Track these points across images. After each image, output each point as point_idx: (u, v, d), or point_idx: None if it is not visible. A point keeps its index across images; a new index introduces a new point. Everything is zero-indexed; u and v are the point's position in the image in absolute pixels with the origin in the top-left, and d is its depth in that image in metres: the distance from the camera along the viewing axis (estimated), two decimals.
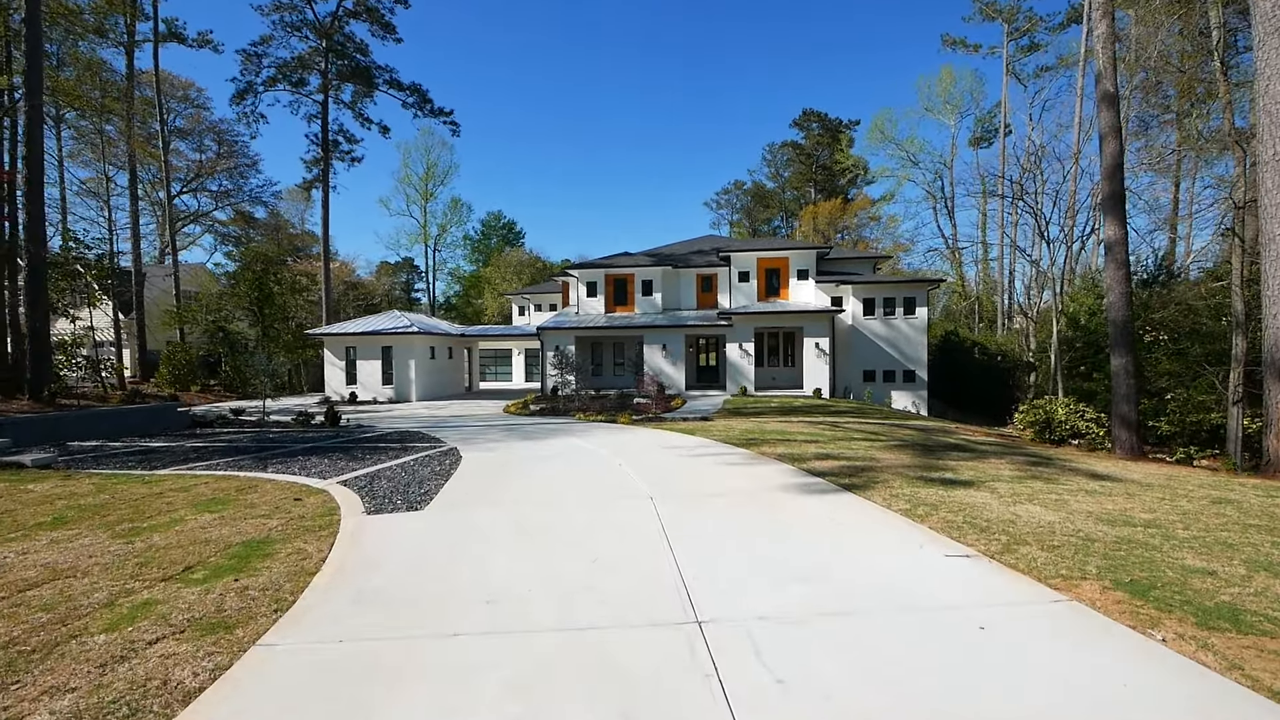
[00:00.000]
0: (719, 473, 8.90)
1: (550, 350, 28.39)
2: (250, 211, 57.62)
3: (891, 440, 13.06)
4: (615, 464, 9.65)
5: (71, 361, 23.76)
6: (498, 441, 12.82)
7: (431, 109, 37.54)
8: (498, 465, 9.71)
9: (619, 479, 8.46)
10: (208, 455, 11.48)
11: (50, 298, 24.23)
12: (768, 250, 29.97)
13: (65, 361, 23.60)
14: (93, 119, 29.85)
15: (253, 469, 9.75)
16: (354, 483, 8.40)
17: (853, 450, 11.03)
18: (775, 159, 67.75)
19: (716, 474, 8.79)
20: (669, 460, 10.05)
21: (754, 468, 9.27)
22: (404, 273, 70.41)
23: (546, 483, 8.29)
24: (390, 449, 11.82)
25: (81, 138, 36.47)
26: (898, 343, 28.24)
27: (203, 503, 7.24)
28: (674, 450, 11.11)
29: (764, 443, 11.91)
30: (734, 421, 16.60)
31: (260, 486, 8.28)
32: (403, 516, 6.53)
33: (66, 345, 24.88)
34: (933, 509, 6.57)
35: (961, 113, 41.91)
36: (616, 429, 14.89)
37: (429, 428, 16.04)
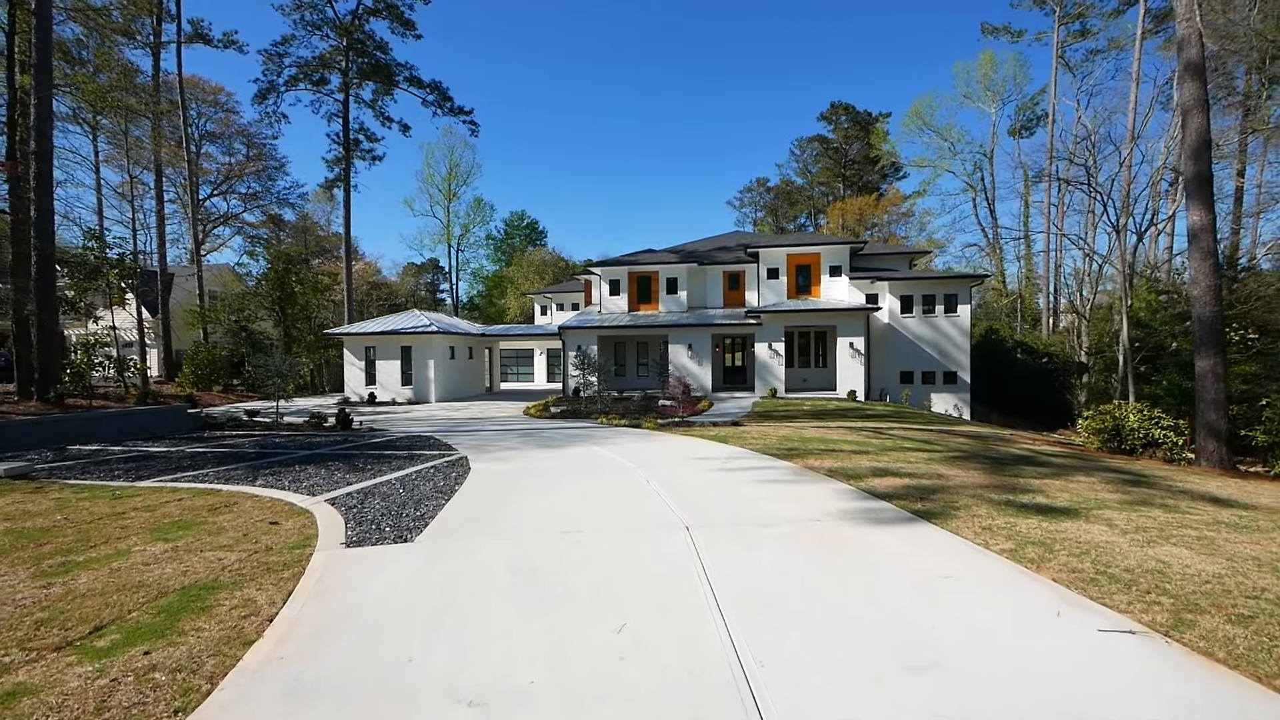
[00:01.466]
0: (762, 493, 7.58)
1: (572, 350, 27.25)
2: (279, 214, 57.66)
3: (949, 451, 11.59)
4: (641, 480, 8.38)
5: (93, 361, 23.34)
6: (513, 449, 11.65)
7: (451, 107, 36.75)
8: (509, 480, 8.50)
9: (647, 500, 7.19)
10: (202, 462, 10.51)
11: (72, 297, 23.93)
12: (798, 246, 28.44)
13: (87, 361, 23.18)
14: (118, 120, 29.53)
15: (241, 481, 8.71)
16: (344, 501, 7.27)
17: (911, 464, 9.61)
18: (803, 154, 65.81)
19: (759, 495, 7.47)
20: (702, 476, 8.75)
21: (802, 487, 7.92)
22: (429, 273, 70.11)
23: (562, 504, 7.06)
24: (396, 457, 10.73)
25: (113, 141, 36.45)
26: (938, 342, 26.50)
27: (164, 527, 6.16)
28: (706, 463, 9.81)
29: (807, 454, 10.55)
30: (767, 427, 15.23)
31: (239, 504, 7.20)
32: (386, 552, 5.35)
33: (89, 345, 24.52)
34: (1045, 549, 5.18)
35: (1003, 100, 39.78)
36: (641, 435, 13.64)
37: (443, 432, 14.97)
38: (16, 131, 17.29)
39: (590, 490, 7.82)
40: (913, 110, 42.25)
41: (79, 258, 23.41)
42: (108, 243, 23.56)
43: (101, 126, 34.05)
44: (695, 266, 29.45)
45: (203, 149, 53.16)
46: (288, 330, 31.78)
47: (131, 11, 30.69)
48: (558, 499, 7.31)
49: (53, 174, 16.62)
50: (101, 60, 30.53)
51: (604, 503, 7.10)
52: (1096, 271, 28.28)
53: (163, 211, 29.55)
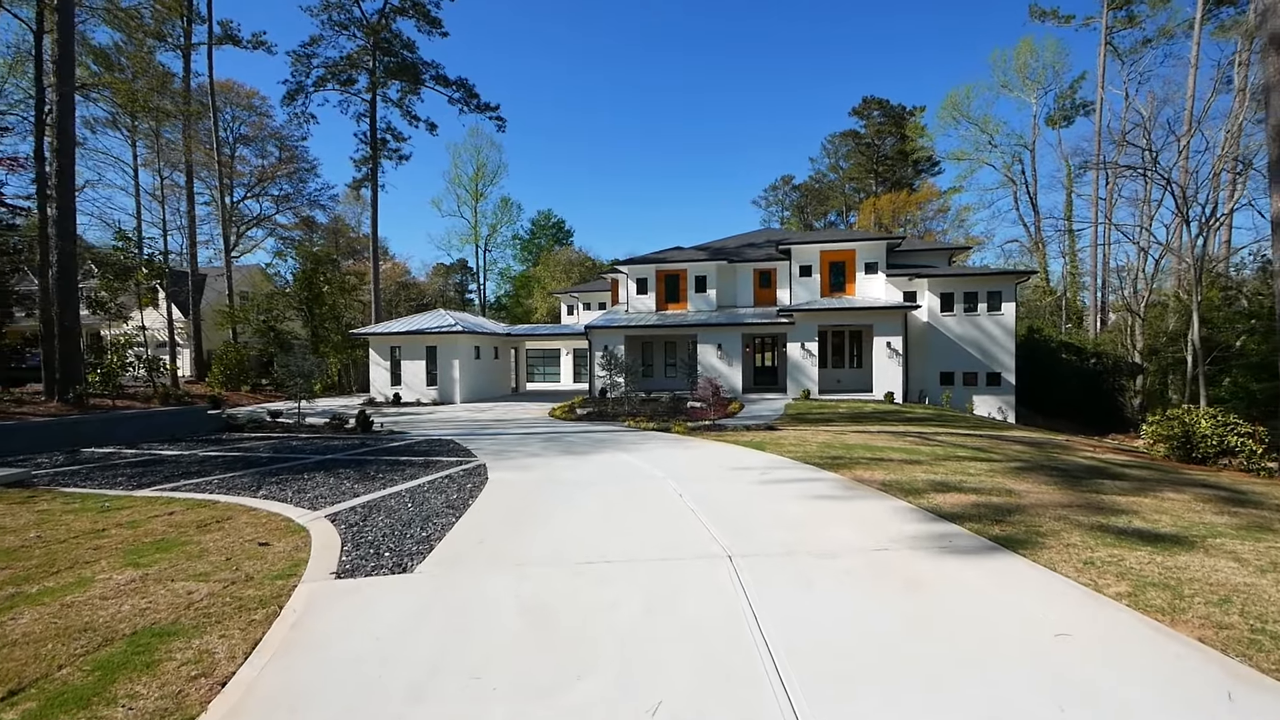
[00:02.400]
0: (812, 512, 6.64)
1: (598, 350, 26.49)
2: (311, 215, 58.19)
3: (1008, 460, 10.49)
4: (673, 494, 7.51)
5: (125, 361, 23.34)
6: (535, 456, 10.88)
7: (477, 104, 36.32)
8: (528, 494, 7.70)
9: (681, 520, 6.32)
10: (211, 468, 9.96)
11: (103, 297, 23.98)
12: (832, 242, 27.23)
13: (118, 361, 23.18)
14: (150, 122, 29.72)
15: (245, 490, 8.09)
16: (346, 517, 6.56)
17: (972, 476, 8.57)
18: (834, 151, 64.04)
19: (809, 515, 6.54)
20: (740, 489, 7.84)
21: (856, 504, 6.97)
22: (458, 273, 70.21)
23: (585, 525, 6.22)
24: (411, 464, 10.04)
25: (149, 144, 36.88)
26: (980, 342, 25.08)
27: (141, 548, 5.50)
28: (744, 474, 8.89)
29: (853, 463, 9.56)
30: (804, 432, 14.23)
31: (232, 520, 6.53)
32: (379, 586, 4.57)
33: (120, 345, 24.56)
34: (1173, 594, 4.17)
35: (1044, 88, 37.76)
36: (671, 441, 12.76)
37: (464, 435, 14.30)
38: (44, 131, 17.16)
39: (617, 506, 6.97)
40: (948, 101, 40.56)
41: (109, 258, 23.43)
42: (136, 242, 23.49)
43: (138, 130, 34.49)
44: (724, 264, 28.46)
45: (237, 152, 54.05)
46: (315, 330, 31.64)
47: (162, 14, 30.90)
48: (580, 518, 6.47)
49: (74, 172, 16.42)
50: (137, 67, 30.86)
51: (632, 523, 6.24)
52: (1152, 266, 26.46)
53: (193, 212, 29.68)
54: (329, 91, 34.92)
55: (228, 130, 53.54)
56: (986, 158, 39.21)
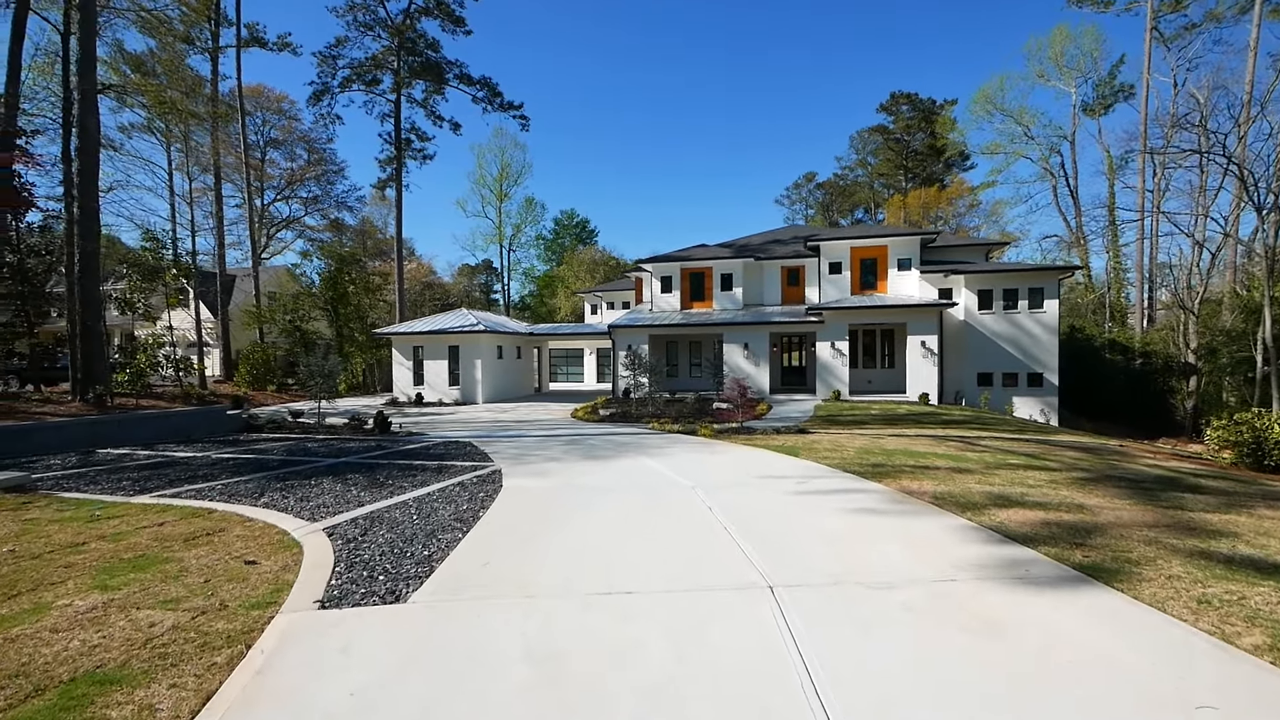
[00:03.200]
0: (858, 530, 5.88)
1: (622, 350, 25.86)
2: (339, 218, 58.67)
3: (1067, 469, 9.55)
4: (702, 506, 6.80)
5: (152, 361, 23.43)
6: (554, 461, 10.26)
7: (501, 103, 35.97)
8: (543, 505, 7.06)
9: (712, 538, 5.61)
10: (219, 472, 9.54)
11: (131, 298, 24.13)
12: (863, 238, 26.20)
13: (147, 361, 23.29)
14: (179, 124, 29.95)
15: (247, 497, 7.60)
16: (345, 530, 5.99)
17: (1032, 488, 7.70)
18: (862, 147, 62.45)
19: (856, 533, 5.78)
20: (775, 501, 7.10)
21: (908, 521, 6.18)
22: (483, 274, 70.28)
23: (605, 544, 5.54)
24: (424, 469, 9.49)
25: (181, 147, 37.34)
26: (1020, 341, 23.84)
27: (117, 566, 4.98)
28: (778, 483, 8.13)
29: (897, 472, 8.74)
30: (838, 436, 13.39)
31: (225, 532, 6.01)
32: (366, 619, 3.95)
33: (148, 345, 24.70)
34: None
35: (1084, 76, 35.91)
36: (698, 445, 12.04)
37: (483, 437, 13.76)
38: (71, 133, 17.14)
39: (640, 521, 6.29)
40: (981, 94, 38.94)
41: (139, 258, 23.54)
42: (164, 243, 23.56)
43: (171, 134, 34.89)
44: (751, 261, 27.60)
45: (267, 155, 54.72)
46: (340, 330, 31.61)
47: (190, 18, 31.13)
48: (598, 535, 5.80)
49: (97, 172, 16.32)
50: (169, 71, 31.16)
51: (657, 543, 5.54)
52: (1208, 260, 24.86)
53: (221, 214, 29.81)
54: (354, 92, 34.94)
55: (258, 134, 54.31)
56: (1022, 150, 37.54)
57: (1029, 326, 23.69)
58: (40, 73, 20.47)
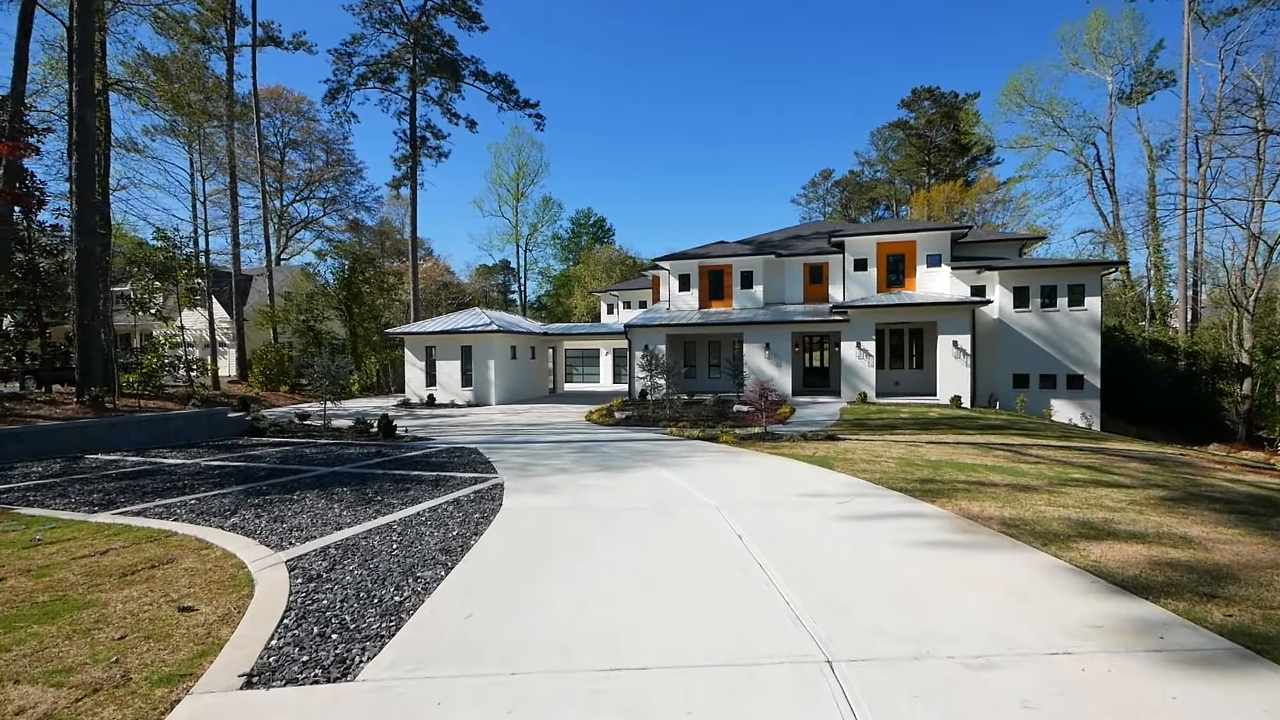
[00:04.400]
0: (926, 572, 4.78)
1: (638, 350, 24.85)
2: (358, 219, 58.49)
3: (1142, 485, 8.35)
4: (730, 534, 5.75)
5: (163, 362, 22.94)
6: (563, 471, 9.27)
7: (517, 101, 35.13)
8: (545, 532, 6.04)
9: (747, 581, 4.55)
10: (199, 484, 8.70)
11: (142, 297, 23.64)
12: (890, 233, 24.89)
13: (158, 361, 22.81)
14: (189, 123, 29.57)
15: (216, 516, 6.71)
16: (313, 563, 5.05)
17: (1114, 511, 6.54)
18: (883, 144, 60.67)
19: (924, 576, 4.68)
20: (817, 528, 6.02)
21: (982, 558, 5.07)
22: (500, 274, 69.73)
23: (612, 593, 4.47)
24: (420, 482, 8.55)
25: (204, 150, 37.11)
26: (1059, 340, 22.38)
27: (28, 612, 4.07)
28: (816, 503, 7.04)
29: (951, 490, 7.61)
30: (872, 443, 12.23)
31: (174, 564, 5.10)
32: (296, 703, 2.97)
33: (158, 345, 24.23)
34: None
35: (1121, 63, 33.99)
36: (721, 454, 10.97)
37: (491, 443, 12.83)
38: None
39: (657, 556, 5.25)
40: (1009, 85, 37.20)
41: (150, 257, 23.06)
42: (175, 242, 23.05)
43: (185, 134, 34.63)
44: (772, 259, 26.40)
45: (286, 156, 54.65)
46: (354, 330, 31.01)
47: (207, 17, 30.76)
48: (608, 577, 4.75)
49: (94, 165, 15.69)
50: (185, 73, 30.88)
51: (678, 589, 4.48)
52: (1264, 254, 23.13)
53: (236, 214, 29.37)
54: (370, 90, 34.33)
55: (277, 135, 54.29)
56: (1054, 142, 35.72)
57: (1068, 325, 22.22)
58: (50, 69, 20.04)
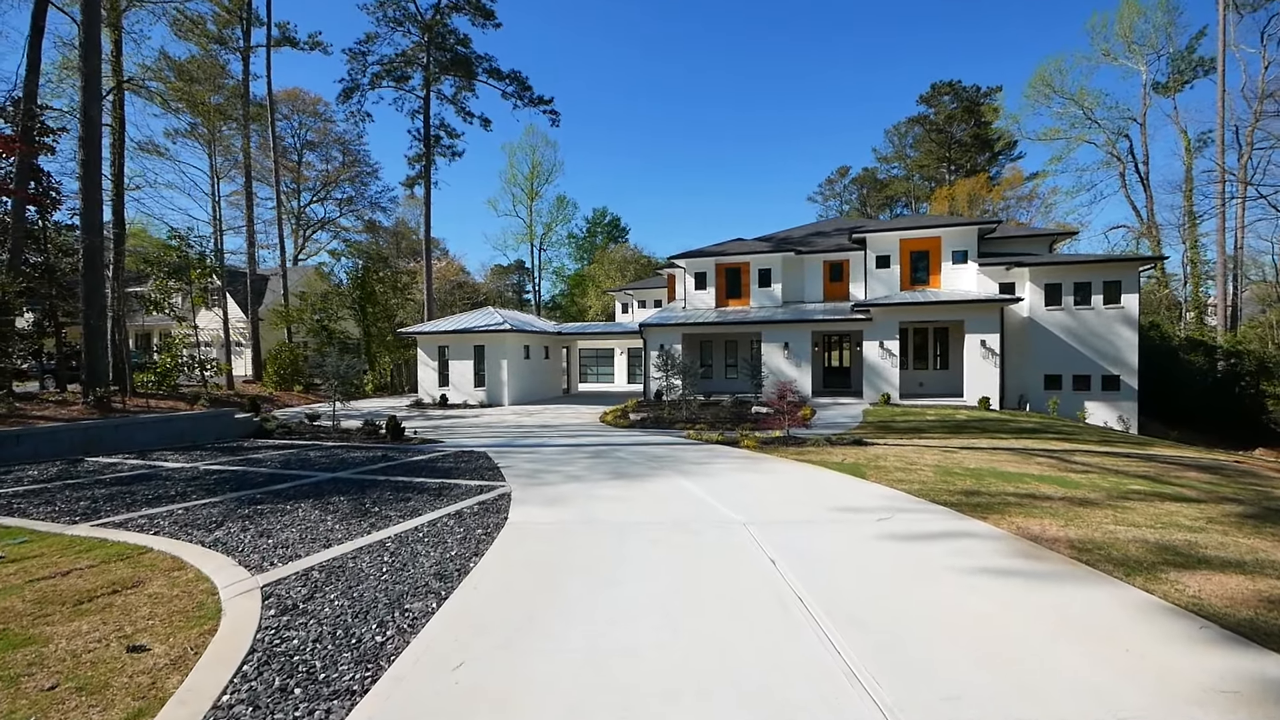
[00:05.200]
0: (996, 611, 4.05)
1: (654, 350, 24.18)
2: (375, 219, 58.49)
3: (1211, 498, 7.52)
4: (763, 560, 5.06)
5: (177, 362, 22.73)
6: (575, 480, 8.62)
7: (531, 97, 34.61)
8: (552, 553, 5.38)
9: (787, 622, 3.86)
10: (191, 491, 8.18)
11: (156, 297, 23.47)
12: (914, 229, 23.95)
13: (172, 361, 22.60)
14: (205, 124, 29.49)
15: (200, 529, 6.17)
16: (292, 588, 4.46)
17: (1192, 531, 5.76)
18: (900, 140, 59.36)
19: (994, 616, 3.96)
20: (859, 551, 5.30)
21: (1058, 591, 4.33)
22: (515, 274, 69.45)
23: (629, 635, 3.80)
24: (422, 491, 7.96)
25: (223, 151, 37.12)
26: (1093, 339, 21.33)
27: None
28: (854, 519, 6.33)
29: (1001, 504, 6.86)
30: (903, 448, 11.46)
31: (143, 586, 4.54)
32: None
33: (172, 345, 24.05)
34: None
35: (1156, 52, 32.55)
36: (743, 461, 10.26)
37: (501, 447, 12.25)
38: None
39: (679, 583, 4.57)
40: (1037, 76, 35.83)
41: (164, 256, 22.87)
42: (188, 241, 22.81)
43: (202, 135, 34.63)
44: (791, 256, 25.58)
45: (304, 158, 54.77)
46: (368, 330, 30.70)
47: (224, 18, 30.65)
48: (621, 613, 4.07)
49: (100, 161, 15.36)
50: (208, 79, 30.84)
51: (705, 631, 3.79)
52: None
53: (251, 214, 29.17)
54: (384, 89, 34.00)
55: (295, 137, 54.43)
56: (1085, 135, 34.30)
57: (1103, 324, 21.16)
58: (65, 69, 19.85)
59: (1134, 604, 4.07)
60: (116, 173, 21.64)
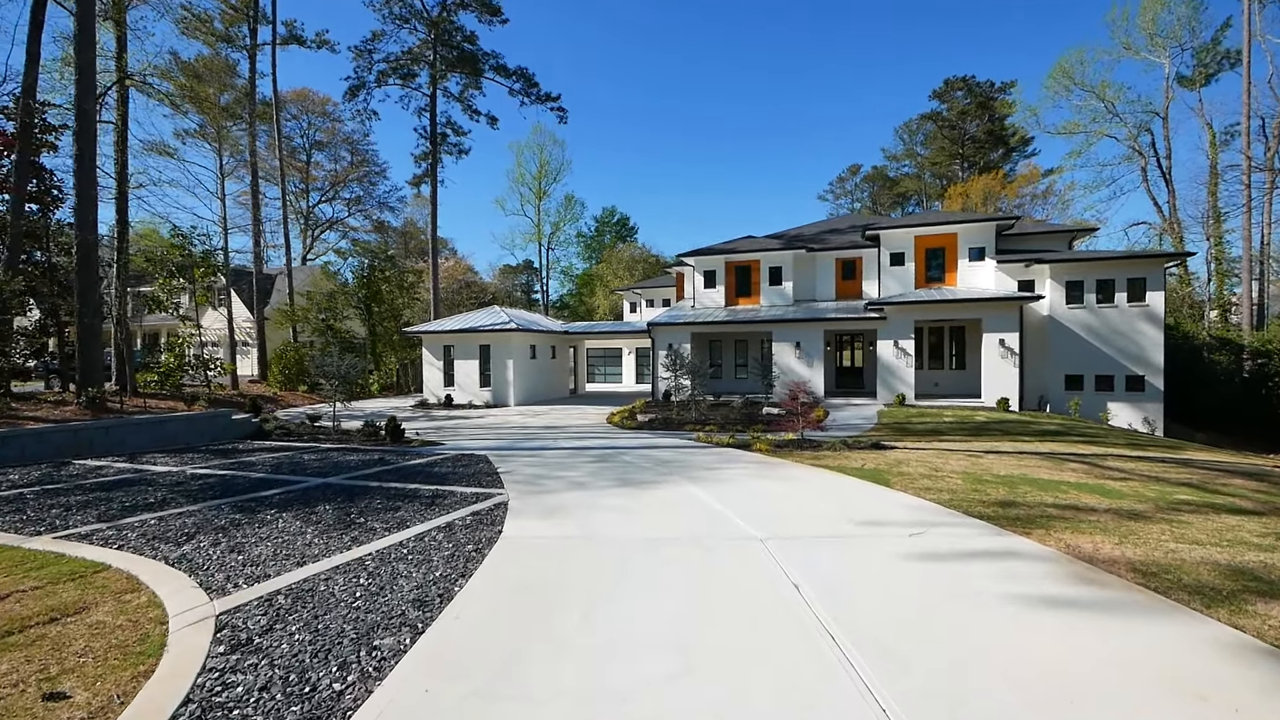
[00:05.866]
0: (1062, 651, 3.43)
1: (662, 349, 23.58)
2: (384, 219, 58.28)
3: (1267, 508, 6.84)
4: (787, 585, 4.46)
5: (181, 362, 22.40)
6: (578, 487, 8.05)
7: (538, 94, 34.09)
8: (548, 575, 4.80)
9: (820, 667, 3.26)
10: (170, 498, 7.68)
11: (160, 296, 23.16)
12: (929, 225, 23.20)
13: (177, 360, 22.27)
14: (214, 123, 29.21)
15: (166, 544, 5.66)
16: (251, 616, 3.91)
17: (1265, 550, 5.11)
18: (910, 137, 58.37)
19: (1063, 663, 3.33)
20: (893, 575, 4.68)
21: (1130, 624, 3.71)
22: (523, 274, 69.08)
23: (632, 679, 3.24)
24: (415, 499, 7.42)
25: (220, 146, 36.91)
26: (1116, 339, 20.52)
27: None
28: (882, 534, 5.71)
29: (1042, 516, 6.23)
30: (924, 452, 10.82)
31: (88, 611, 4.02)
32: None
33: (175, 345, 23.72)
34: None
35: (1180, 45, 31.53)
36: (757, 466, 9.65)
37: (502, 450, 11.71)
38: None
39: (691, 612, 3.98)
40: (1057, 69, 34.86)
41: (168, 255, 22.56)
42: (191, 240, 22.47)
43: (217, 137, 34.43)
44: (802, 253, 24.90)
45: (312, 158, 54.60)
46: (373, 329, 30.32)
47: (230, 16, 30.37)
48: (623, 651, 3.48)
49: (94, 156, 14.93)
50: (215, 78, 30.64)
51: (723, 675, 3.20)
52: None
53: (257, 214, 28.81)
54: (390, 86, 33.59)
55: (304, 137, 54.28)
56: (1105, 128, 33.44)
57: (1128, 322, 20.35)
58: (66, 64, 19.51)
59: (1225, 644, 3.44)
60: (120, 171, 21.32)
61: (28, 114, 16.91)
